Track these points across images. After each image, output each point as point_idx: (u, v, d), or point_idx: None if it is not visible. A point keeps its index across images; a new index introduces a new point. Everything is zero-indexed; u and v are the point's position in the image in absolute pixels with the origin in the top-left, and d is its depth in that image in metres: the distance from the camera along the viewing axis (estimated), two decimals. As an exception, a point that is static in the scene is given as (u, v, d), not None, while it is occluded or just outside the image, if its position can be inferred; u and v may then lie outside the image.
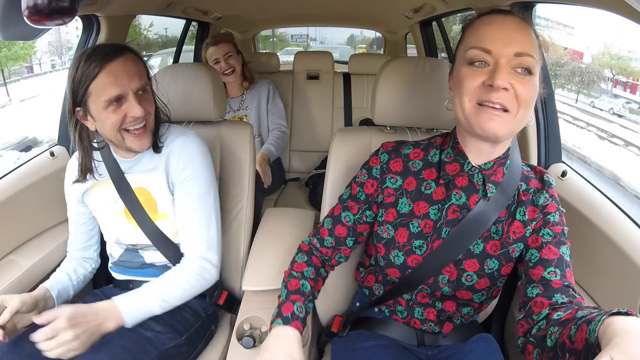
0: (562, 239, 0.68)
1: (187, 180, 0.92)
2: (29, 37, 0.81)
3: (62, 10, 0.58)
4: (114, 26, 1.25)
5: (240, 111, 1.88)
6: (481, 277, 0.72)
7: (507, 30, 0.62)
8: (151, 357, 0.81)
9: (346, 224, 0.80)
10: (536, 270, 0.66)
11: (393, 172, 0.76)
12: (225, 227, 1.11)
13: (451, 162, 0.72)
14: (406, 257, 0.74)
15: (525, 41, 0.62)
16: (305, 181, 2.01)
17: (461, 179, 0.72)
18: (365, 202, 0.79)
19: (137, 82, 0.83)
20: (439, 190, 0.73)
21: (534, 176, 0.74)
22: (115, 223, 0.97)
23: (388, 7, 2.22)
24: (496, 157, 0.70)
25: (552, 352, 0.53)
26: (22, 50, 2.07)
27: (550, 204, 0.71)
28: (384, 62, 0.99)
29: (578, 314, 0.53)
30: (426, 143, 0.78)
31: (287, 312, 0.72)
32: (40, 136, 7.77)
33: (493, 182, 0.70)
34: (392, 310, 0.84)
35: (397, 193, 0.76)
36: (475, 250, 0.72)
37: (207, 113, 1.12)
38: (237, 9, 2.26)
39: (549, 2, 1.00)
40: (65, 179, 1.00)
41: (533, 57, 0.62)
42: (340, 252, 0.83)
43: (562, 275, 0.65)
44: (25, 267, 1.09)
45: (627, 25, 12.16)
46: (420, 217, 0.74)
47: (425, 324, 0.81)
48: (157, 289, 0.86)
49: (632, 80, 13.14)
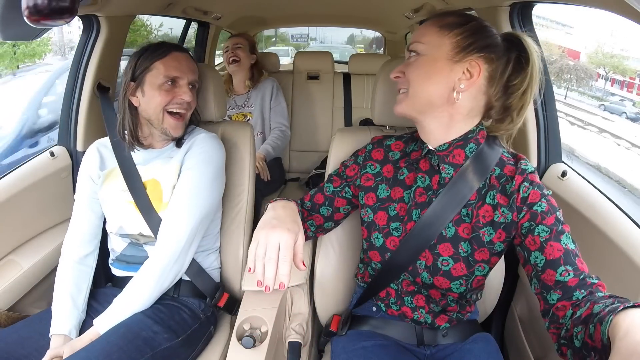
0: (559, 229, 0.65)
1: (191, 167, 0.96)
2: (29, 37, 0.81)
3: (62, 10, 0.58)
4: (114, 26, 1.25)
5: (245, 108, 1.91)
6: (457, 262, 0.73)
7: (414, 34, 0.76)
8: (146, 357, 0.81)
9: (325, 193, 0.87)
10: (547, 275, 0.63)
11: (374, 159, 0.84)
12: (225, 226, 1.11)
13: (417, 149, 0.80)
14: (385, 239, 0.78)
15: (418, 33, 0.74)
16: (305, 181, 2.01)
17: (423, 163, 0.78)
18: (345, 180, 0.86)
19: (192, 75, 0.98)
20: (411, 176, 0.79)
21: (512, 163, 0.74)
22: (122, 211, 0.97)
23: (388, 7, 2.22)
24: (451, 139, 0.74)
25: (580, 353, 0.52)
26: (39, 47, 2.08)
27: (532, 192, 0.69)
28: (384, 62, 0.99)
29: (595, 308, 0.52)
30: (408, 137, 0.85)
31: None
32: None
33: (451, 163, 0.74)
34: (386, 304, 0.84)
35: (377, 179, 0.82)
36: (447, 234, 0.74)
37: (207, 113, 1.12)
38: (237, 9, 2.26)
39: (549, 2, 1.00)
40: (81, 167, 1.02)
41: (420, 42, 0.72)
42: (313, 218, 0.88)
43: (574, 269, 0.62)
44: (25, 267, 1.09)
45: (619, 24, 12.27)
46: (396, 201, 0.79)
47: (416, 312, 0.81)
48: (130, 300, 0.87)
49: (629, 79, 13.20)
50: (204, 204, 0.94)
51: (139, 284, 0.88)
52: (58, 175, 1.24)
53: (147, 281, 0.88)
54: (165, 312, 0.92)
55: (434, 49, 0.70)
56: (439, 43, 0.70)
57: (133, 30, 11.10)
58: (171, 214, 0.93)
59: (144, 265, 0.90)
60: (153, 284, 0.88)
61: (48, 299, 1.18)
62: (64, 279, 0.95)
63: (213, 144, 1.00)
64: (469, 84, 0.69)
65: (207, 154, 0.97)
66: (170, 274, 0.91)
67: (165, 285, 0.91)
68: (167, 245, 0.90)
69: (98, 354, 0.77)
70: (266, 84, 1.95)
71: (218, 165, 0.99)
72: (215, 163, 0.98)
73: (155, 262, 0.89)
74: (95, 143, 1.04)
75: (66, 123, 1.28)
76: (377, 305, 0.86)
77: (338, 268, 0.99)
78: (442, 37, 0.70)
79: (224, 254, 1.11)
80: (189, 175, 0.95)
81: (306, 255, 1.02)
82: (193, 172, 0.95)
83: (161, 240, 0.91)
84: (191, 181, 0.94)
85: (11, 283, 1.05)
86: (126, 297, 0.87)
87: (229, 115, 1.90)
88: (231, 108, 1.92)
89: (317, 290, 1.00)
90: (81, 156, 1.05)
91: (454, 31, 0.70)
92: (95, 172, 1.00)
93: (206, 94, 1.10)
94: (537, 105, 1.06)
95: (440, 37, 0.70)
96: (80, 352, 0.77)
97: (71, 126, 1.27)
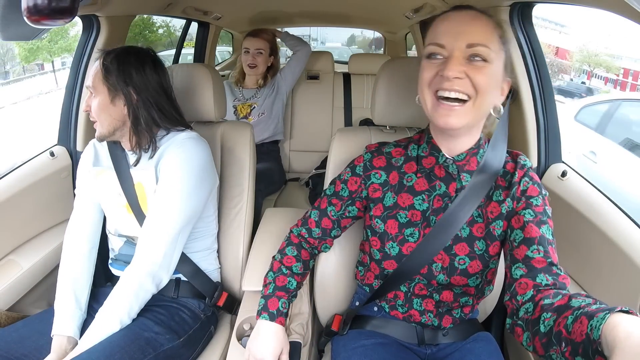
0: (543, 219, 0.69)
1: (165, 177, 0.91)
2: (29, 37, 0.81)
3: (62, 10, 0.58)
4: (114, 26, 1.25)
5: (251, 99, 1.94)
6: (473, 259, 0.75)
7: (459, 24, 0.67)
8: (149, 358, 0.81)
9: (331, 217, 0.86)
10: (520, 250, 0.67)
11: (377, 167, 0.81)
12: (225, 227, 1.11)
13: (427, 155, 0.78)
14: (400, 247, 0.77)
15: (478, 32, 0.65)
16: (305, 181, 2.01)
17: (438, 170, 0.77)
18: (348, 198, 0.83)
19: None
20: (420, 182, 0.78)
21: (511, 160, 0.76)
22: (117, 214, 0.97)
23: (388, 7, 2.22)
24: (468, 148, 0.74)
25: (545, 338, 0.54)
26: (75, 43, 2.10)
27: (531, 187, 0.72)
28: (384, 62, 0.99)
29: (573, 302, 0.54)
30: (406, 142, 0.83)
31: (273, 308, 0.80)
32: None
33: (468, 171, 0.75)
34: (392, 306, 0.84)
35: (384, 188, 0.80)
36: (462, 235, 0.75)
37: (207, 113, 1.11)
38: (237, 9, 2.26)
39: (549, 2, 1.00)
40: (80, 164, 1.02)
41: (487, 46, 0.65)
42: (325, 242, 0.89)
43: (545, 252, 0.65)
44: (25, 267, 1.09)
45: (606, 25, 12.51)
46: (405, 209, 0.78)
47: (424, 315, 0.82)
48: (111, 317, 0.83)
49: (615, 75, 13.40)
50: (181, 213, 0.90)
51: (117, 301, 0.85)
52: (58, 175, 1.24)
53: (125, 298, 0.85)
54: (165, 313, 0.92)
55: (497, 59, 0.67)
56: (499, 55, 0.67)
57: (153, 31, 11.30)
58: (146, 230, 0.89)
59: (121, 278, 0.87)
60: (130, 300, 0.85)
61: (48, 299, 1.19)
62: (67, 276, 0.94)
63: (189, 147, 0.93)
64: (500, 100, 0.71)
65: (178, 161, 0.91)
66: (150, 288, 0.88)
67: (145, 299, 0.88)
68: (143, 263, 0.87)
69: (100, 354, 0.76)
70: (274, 79, 1.99)
71: (200, 165, 0.93)
72: (194, 165, 0.92)
73: (133, 279, 0.86)
74: (93, 140, 1.02)
75: (66, 123, 1.28)
76: (380, 305, 0.86)
77: (338, 268, 0.99)
78: (501, 47, 0.68)
79: (224, 255, 1.11)
80: (163, 186, 0.91)
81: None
82: (167, 182, 0.91)
83: (138, 258, 0.88)
84: (165, 193, 0.90)
85: (11, 283, 1.05)
86: (106, 315, 0.83)
87: (234, 105, 1.93)
88: (237, 100, 1.95)
89: (317, 290, 1.00)
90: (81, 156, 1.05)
91: (504, 47, 0.68)
92: (89, 168, 1.00)
93: (206, 94, 1.09)
94: (537, 105, 1.06)
95: (500, 47, 0.67)
96: (82, 354, 0.77)
97: (71, 126, 1.28)
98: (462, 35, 0.65)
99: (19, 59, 11.36)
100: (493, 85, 0.67)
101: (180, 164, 0.91)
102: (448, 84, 0.65)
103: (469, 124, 0.69)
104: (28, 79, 11.69)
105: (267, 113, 1.93)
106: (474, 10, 0.68)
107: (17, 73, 11.93)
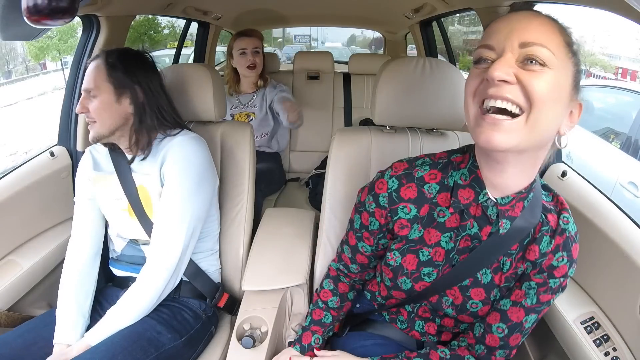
0: (539, 308, 0.66)
1: (170, 181, 0.91)
2: (29, 37, 0.81)
3: (62, 10, 0.58)
4: (114, 26, 1.25)
5: (249, 108, 1.91)
6: (485, 305, 0.70)
7: (512, 22, 0.53)
8: (151, 358, 0.81)
9: (364, 253, 0.79)
10: (493, 316, 0.69)
11: (405, 200, 0.68)
12: (225, 227, 1.11)
13: (465, 186, 0.64)
14: (414, 284, 0.71)
15: (535, 30, 0.51)
16: (305, 181, 2.01)
17: (474, 209, 0.64)
18: (379, 232, 0.74)
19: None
20: (452, 218, 0.66)
21: (553, 208, 0.65)
22: (117, 218, 0.97)
23: (388, 7, 2.22)
24: (517, 192, 0.60)
25: None
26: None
27: (562, 266, 0.63)
28: (384, 62, 0.99)
29: None
30: (445, 162, 0.68)
31: (306, 342, 0.83)
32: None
33: (509, 217, 0.62)
34: (392, 318, 0.84)
35: (413, 224, 0.69)
36: (483, 280, 0.68)
37: (207, 113, 1.11)
38: (237, 9, 2.26)
39: (549, 2, 0.99)
40: (78, 170, 1.01)
41: (546, 47, 0.50)
42: (367, 272, 0.85)
43: (506, 336, 0.68)
44: (25, 267, 1.09)
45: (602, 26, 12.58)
46: (431, 246, 0.68)
47: (424, 336, 0.81)
48: (122, 316, 0.85)
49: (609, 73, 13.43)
50: (190, 214, 0.91)
51: (132, 301, 0.87)
52: (58, 175, 1.24)
53: (141, 300, 0.87)
54: (167, 312, 0.92)
55: (561, 68, 0.51)
56: (565, 64, 0.52)
57: (158, 31, 11.50)
58: (159, 235, 0.90)
59: (138, 282, 0.88)
60: (146, 303, 0.87)
61: (48, 299, 1.19)
62: (70, 284, 0.94)
63: (189, 149, 0.93)
64: (569, 128, 0.56)
65: (182, 161, 0.91)
66: (165, 291, 0.90)
67: (158, 301, 0.90)
68: (160, 267, 0.88)
69: (102, 355, 0.76)
70: (270, 85, 1.95)
71: (201, 167, 0.93)
72: (195, 167, 0.92)
73: (150, 283, 0.87)
74: (89, 147, 1.02)
75: (66, 123, 1.28)
76: (382, 314, 0.86)
77: (338, 268, 0.99)
78: (568, 55, 0.52)
79: (224, 255, 1.11)
80: (169, 191, 0.91)
81: (306, 255, 1.02)
82: (173, 187, 0.91)
83: (154, 261, 0.89)
84: (173, 197, 0.90)
85: (11, 283, 1.05)
86: (118, 312, 0.85)
87: (232, 114, 1.90)
88: (234, 107, 1.91)
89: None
90: (81, 156, 1.05)
91: (573, 58, 0.53)
92: (89, 173, 0.99)
93: (206, 94, 1.09)
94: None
95: (567, 55, 0.52)
96: (84, 354, 0.77)
97: (71, 126, 1.28)
98: (514, 32, 0.51)
99: (30, 57, 11.60)
100: (555, 99, 0.51)
101: (183, 165, 0.91)
102: (494, 90, 0.51)
103: (520, 146, 0.52)
104: (30, 79, 11.85)
105: (269, 134, 1.90)
106: (532, 11, 0.54)
107: (20, 72, 12.09)
